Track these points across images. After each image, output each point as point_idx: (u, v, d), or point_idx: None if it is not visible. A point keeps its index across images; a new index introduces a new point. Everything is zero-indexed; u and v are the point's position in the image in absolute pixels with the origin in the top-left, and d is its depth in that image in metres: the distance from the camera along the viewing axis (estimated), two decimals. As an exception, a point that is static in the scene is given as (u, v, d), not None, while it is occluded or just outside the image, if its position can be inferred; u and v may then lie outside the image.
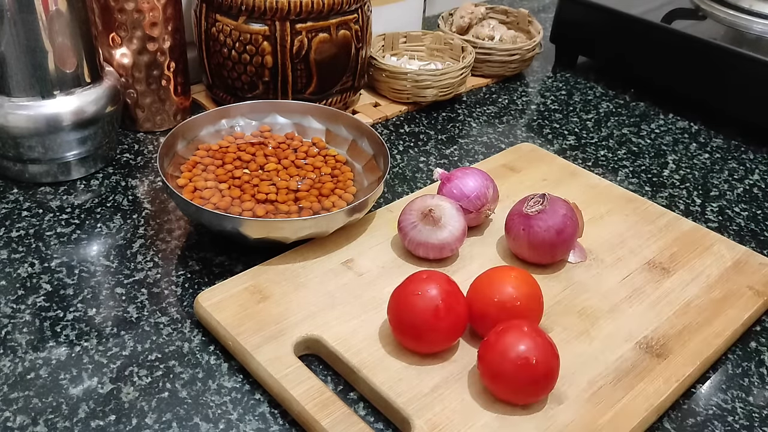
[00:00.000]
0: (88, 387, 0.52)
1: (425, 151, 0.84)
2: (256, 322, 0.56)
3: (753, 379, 0.58)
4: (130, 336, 0.57)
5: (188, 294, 0.61)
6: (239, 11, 0.77)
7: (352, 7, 0.80)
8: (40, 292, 0.60)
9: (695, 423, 0.54)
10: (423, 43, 1.01)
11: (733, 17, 0.95)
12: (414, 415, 0.50)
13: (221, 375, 0.54)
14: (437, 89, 0.91)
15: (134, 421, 0.50)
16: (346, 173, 0.72)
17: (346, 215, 0.63)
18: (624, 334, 0.58)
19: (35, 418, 0.50)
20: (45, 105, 0.69)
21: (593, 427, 0.50)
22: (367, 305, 0.58)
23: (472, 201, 0.65)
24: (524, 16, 1.08)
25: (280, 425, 0.51)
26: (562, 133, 0.91)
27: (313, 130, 0.76)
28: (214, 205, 0.65)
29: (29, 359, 0.54)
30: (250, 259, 0.64)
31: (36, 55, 0.67)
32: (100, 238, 0.66)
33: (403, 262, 0.64)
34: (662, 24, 0.97)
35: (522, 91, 1.01)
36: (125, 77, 0.79)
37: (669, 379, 0.54)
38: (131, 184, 0.74)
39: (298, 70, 0.81)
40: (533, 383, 0.50)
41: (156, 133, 0.83)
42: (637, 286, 0.63)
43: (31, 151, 0.70)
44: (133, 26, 0.76)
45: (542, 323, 0.56)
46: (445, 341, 0.54)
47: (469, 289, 0.56)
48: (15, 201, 0.70)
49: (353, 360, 0.53)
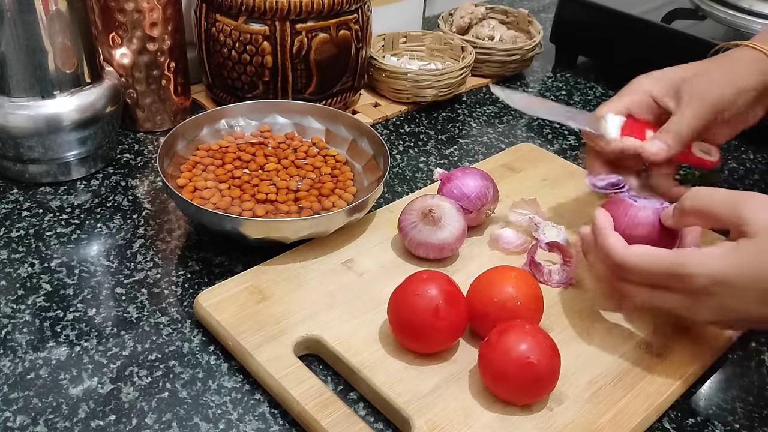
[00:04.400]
0: (88, 387, 0.52)
1: (425, 151, 0.84)
2: (256, 322, 0.56)
3: (753, 379, 0.58)
4: (130, 336, 0.57)
5: (188, 294, 0.61)
6: (239, 11, 0.77)
7: (352, 7, 0.80)
8: (40, 292, 0.60)
9: (695, 423, 0.54)
10: (423, 43, 1.01)
11: (733, 17, 0.95)
12: (414, 415, 0.50)
13: (221, 375, 0.54)
14: (437, 89, 0.91)
15: (134, 421, 0.50)
16: (346, 173, 0.72)
17: (346, 215, 0.63)
18: (624, 334, 0.58)
19: (35, 418, 0.50)
20: (45, 105, 0.69)
21: (593, 427, 0.50)
22: (367, 305, 0.58)
23: (472, 201, 0.65)
24: (524, 16, 1.08)
25: (280, 425, 0.51)
26: (562, 133, 0.91)
27: (313, 130, 0.76)
28: (214, 205, 0.65)
29: (29, 359, 0.54)
30: (250, 259, 0.64)
31: (36, 55, 0.67)
32: (100, 238, 0.66)
33: (403, 262, 0.64)
34: (662, 24, 0.97)
35: (522, 91, 1.01)
36: (125, 77, 0.79)
37: (669, 379, 0.54)
38: (131, 184, 0.74)
39: (298, 70, 0.81)
40: (534, 383, 0.50)
41: (156, 133, 0.83)
42: (637, 286, 0.63)
43: (31, 151, 0.70)
44: (133, 26, 0.76)
45: (542, 323, 0.56)
46: (445, 341, 0.54)
47: (469, 289, 0.56)
48: (15, 201, 0.70)
49: (353, 360, 0.53)
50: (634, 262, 0.51)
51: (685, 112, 0.61)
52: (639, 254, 0.51)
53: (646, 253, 0.51)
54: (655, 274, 0.50)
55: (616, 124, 0.63)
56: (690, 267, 0.48)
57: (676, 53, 0.95)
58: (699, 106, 0.61)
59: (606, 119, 0.63)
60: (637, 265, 0.51)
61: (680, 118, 0.61)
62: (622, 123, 0.63)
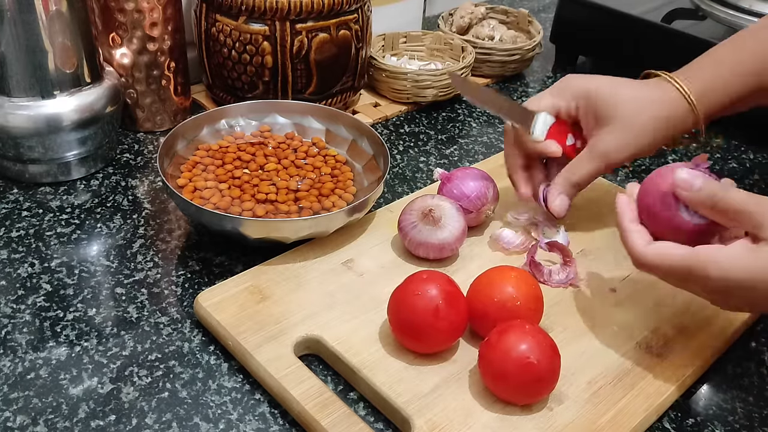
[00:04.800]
0: (88, 387, 0.52)
1: (425, 151, 0.84)
2: (256, 322, 0.56)
3: (753, 379, 0.58)
4: (130, 336, 0.57)
5: (188, 294, 0.61)
6: (239, 11, 0.77)
7: (352, 7, 0.80)
8: (40, 292, 0.60)
9: (695, 423, 0.54)
10: (423, 43, 1.01)
11: (733, 17, 0.95)
12: (414, 415, 0.50)
13: (221, 375, 0.54)
14: (437, 89, 0.91)
15: (134, 421, 0.50)
16: (346, 173, 0.72)
17: (346, 215, 0.63)
18: (624, 334, 0.58)
19: (35, 418, 0.50)
20: (45, 105, 0.69)
21: (593, 427, 0.50)
22: (367, 305, 0.58)
23: (472, 201, 0.65)
24: (524, 16, 1.08)
25: (280, 425, 0.51)
26: (562, 133, 0.91)
27: (313, 130, 0.76)
28: (214, 205, 0.65)
29: (29, 359, 0.54)
30: (250, 259, 0.64)
31: (36, 55, 0.67)
32: (100, 238, 0.66)
33: (403, 262, 0.64)
34: (662, 24, 0.97)
35: (522, 91, 1.01)
36: (125, 77, 0.79)
37: (669, 379, 0.54)
38: (131, 184, 0.74)
39: (298, 70, 0.81)
40: (535, 383, 0.50)
41: (156, 133, 0.83)
42: (638, 286, 0.63)
43: (31, 151, 0.70)
44: (133, 26, 0.76)
45: (542, 323, 0.56)
46: (445, 341, 0.54)
47: (469, 289, 0.56)
48: (15, 201, 0.70)
49: (353, 360, 0.53)
50: (652, 262, 0.51)
51: (585, 165, 0.64)
52: (657, 254, 0.51)
53: (664, 253, 0.51)
54: (674, 273, 0.51)
55: (546, 125, 0.65)
56: (708, 271, 0.48)
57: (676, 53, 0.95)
58: (602, 161, 0.63)
59: (538, 118, 0.65)
60: (656, 264, 0.51)
61: (580, 168, 0.64)
62: (550, 124, 0.65)
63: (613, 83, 0.64)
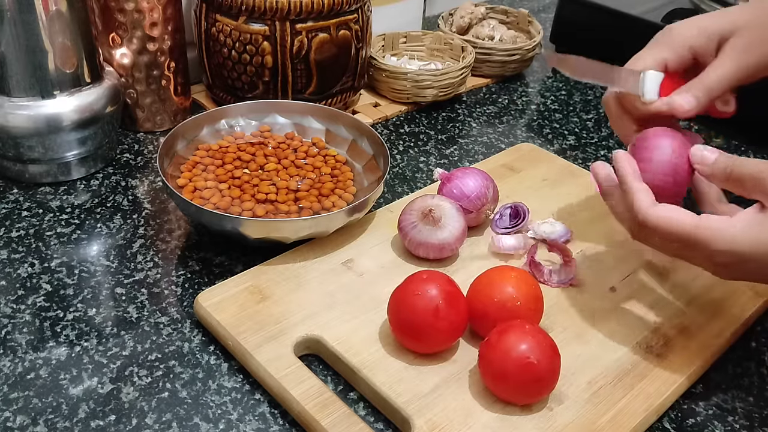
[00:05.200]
0: (88, 387, 0.52)
1: (425, 151, 0.84)
2: (256, 322, 0.56)
3: (753, 379, 0.58)
4: (130, 336, 0.57)
5: (188, 294, 0.61)
6: (239, 11, 0.77)
7: (352, 7, 0.80)
8: (40, 292, 0.60)
9: (695, 423, 0.54)
10: (423, 43, 1.01)
11: (733, 17, 0.95)
12: (414, 415, 0.50)
13: (221, 375, 0.54)
14: (437, 89, 0.91)
15: (134, 421, 0.50)
16: (346, 173, 0.72)
17: (346, 215, 0.63)
18: (624, 334, 0.58)
19: (35, 418, 0.50)
20: (45, 105, 0.69)
21: (593, 427, 0.50)
22: (367, 305, 0.58)
23: (472, 201, 0.65)
24: (524, 16, 1.08)
25: (280, 425, 0.51)
26: (562, 133, 0.91)
27: (313, 130, 0.76)
28: (214, 205, 0.65)
29: (29, 359, 0.54)
30: (250, 259, 0.64)
31: (36, 55, 0.67)
32: (100, 238, 0.66)
33: (403, 262, 0.64)
34: (662, 24, 0.96)
35: (522, 91, 1.01)
36: (125, 77, 0.79)
37: (669, 379, 0.54)
38: (131, 184, 0.74)
39: (298, 70, 0.81)
40: (535, 383, 0.50)
41: (156, 133, 0.83)
42: (638, 286, 0.63)
43: (31, 151, 0.70)
44: (133, 26, 0.76)
45: (542, 323, 0.56)
46: (445, 341, 0.54)
47: (469, 289, 0.56)
48: (15, 201, 0.70)
49: (353, 360, 0.53)
50: (656, 225, 0.50)
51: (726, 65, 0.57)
52: (663, 217, 0.49)
53: (670, 217, 0.49)
54: (678, 240, 0.49)
55: (656, 83, 0.59)
56: (713, 243, 0.47)
57: (676, 53, 0.94)
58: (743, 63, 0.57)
59: (646, 77, 0.59)
60: (660, 228, 0.50)
61: (718, 71, 0.57)
62: (661, 80, 0.59)
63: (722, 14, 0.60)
